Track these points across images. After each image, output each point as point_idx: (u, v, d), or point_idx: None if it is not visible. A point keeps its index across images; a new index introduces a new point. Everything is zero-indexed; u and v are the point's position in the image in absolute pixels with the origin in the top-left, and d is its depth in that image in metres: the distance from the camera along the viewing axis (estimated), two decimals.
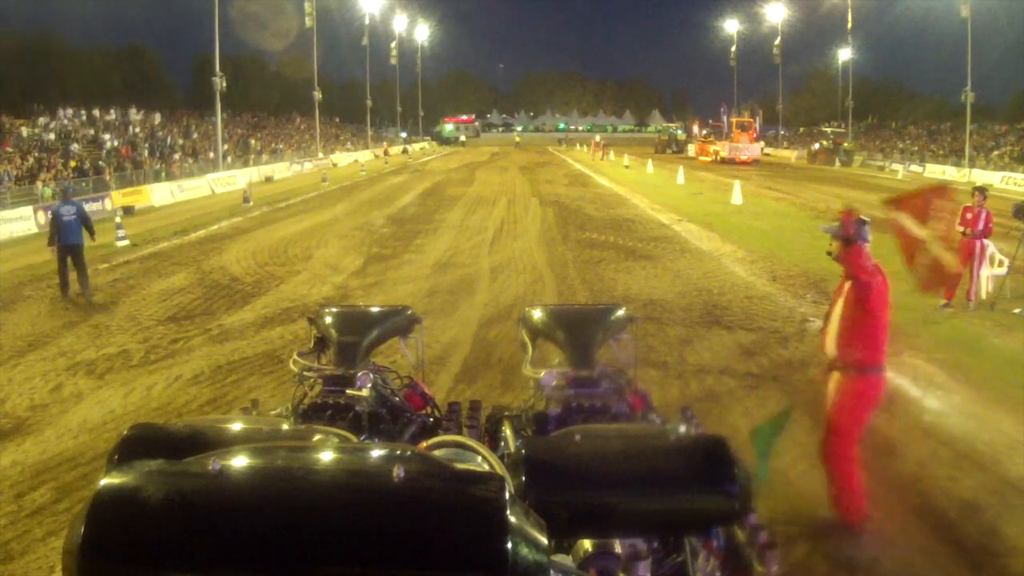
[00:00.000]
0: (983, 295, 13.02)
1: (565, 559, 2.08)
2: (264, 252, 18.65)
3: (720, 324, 11.38)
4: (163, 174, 39.92)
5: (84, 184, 33.28)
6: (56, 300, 14.09)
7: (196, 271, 16.50)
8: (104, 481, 1.47)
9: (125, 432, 2.19)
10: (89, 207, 27.94)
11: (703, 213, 25.57)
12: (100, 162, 38.46)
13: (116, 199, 31.24)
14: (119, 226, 21.25)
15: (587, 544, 2.16)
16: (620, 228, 22.29)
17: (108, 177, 35.75)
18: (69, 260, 14.45)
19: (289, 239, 20.76)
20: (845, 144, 67.36)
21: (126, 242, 20.70)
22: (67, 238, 14.47)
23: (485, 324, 11.49)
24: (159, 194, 34.80)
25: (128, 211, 30.57)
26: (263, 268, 16.60)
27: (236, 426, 2.41)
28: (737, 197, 29.22)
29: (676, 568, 2.34)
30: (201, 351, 10.58)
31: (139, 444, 2.11)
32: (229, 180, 41.08)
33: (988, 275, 13.26)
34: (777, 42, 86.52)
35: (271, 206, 30.20)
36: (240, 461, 1.52)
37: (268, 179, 46.48)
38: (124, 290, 14.88)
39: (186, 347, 10.84)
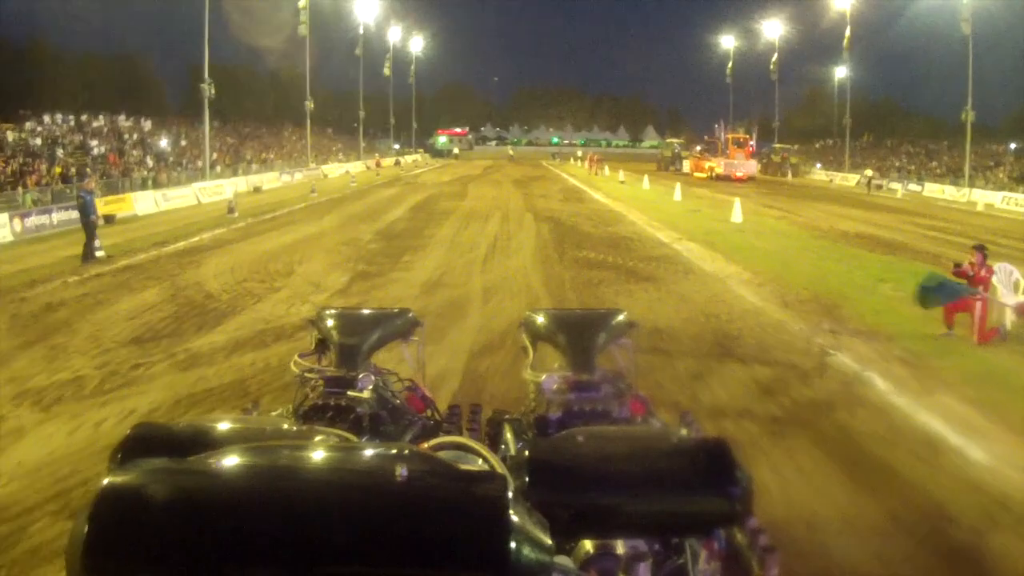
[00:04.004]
0: (1008, 325, 12.16)
1: (566, 560, 2.02)
2: (244, 267, 17.65)
3: (733, 356, 10.42)
4: (150, 182, 38.96)
5: (68, 191, 32.32)
6: (16, 316, 13.17)
7: (170, 287, 15.51)
8: (107, 480, 1.43)
9: (128, 431, 2.15)
10: (70, 215, 27.30)
11: (703, 231, 24.72)
12: (87, 168, 37.43)
13: (97, 207, 30.13)
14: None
15: (588, 545, 2.15)
16: (618, 246, 21.37)
17: (93, 184, 34.72)
18: None
19: (271, 253, 19.77)
20: (792, 159, 75.26)
21: (101, 253, 19.72)
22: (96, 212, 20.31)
23: (477, 354, 10.48)
24: (142, 203, 33.74)
25: (109, 220, 29.59)
26: (241, 284, 15.60)
27: (239, 425, 2.42)
28: (737, 215, 28.42)
29: (676, 570, 2.29)
30: (162, 379, 9.59)
31: (142, 443, 2.07)
32: (216, 189, 40.03)
33: (1015, 303, 12.41)
34: (774, 59, 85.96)
35: (256, 217, 29.20)
36: (244, 460, 1.51)
37: (256, 189, 45.53)
38: (91, 306, 13.89)
39: (147, 374, 9.85)
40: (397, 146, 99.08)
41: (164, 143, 50.04)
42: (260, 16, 65.63)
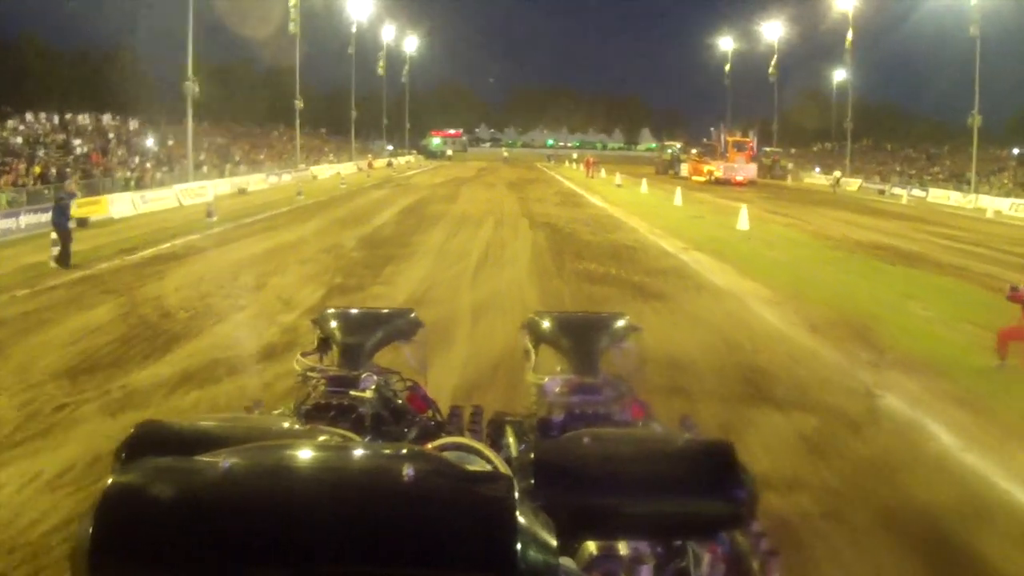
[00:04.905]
0: None
1: (569, 562, 1.94)
2: (211, 279, 16.02)
3: (766, 399, 8.78)
4: (133, 183, 37.33)
5: (46, 192, 30.85)
6: None
7: (126, 302, 13.90)
8: (112, 479, 1.43)
9: (132, 430, 2.11)
10: (39, 218, 25.71)
11: (709, 240, 23.20)
12: (67, 168, 35.80)
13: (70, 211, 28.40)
14: (55, 243, 18.55)
15: (591, 547, 2.13)
16: (621, 257, 19.80)
17: (73, 185, 33.19)
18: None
19: (244, 263, 18.14)
20: (781, 162, 75.28)
21: (54, 264, 18.04)
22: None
23: (463, 398, 8.83)
24: (119, 205, 31.99)
25: (82, 223, 27.95)
26: (203, 300, 13.99)
27: (243, 424, 2.42)
28: (743, 222, 26.92)
29: (679, 573, 2.20)
30: (87, 427, 7.99)
31: (147, 441, 2.05)
32: (198, 191, 38.24)
33: None
34: (773, 61, 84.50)
35: (236, 222, 27.46)
36: (250, 458, 1.51)
37: (242, 191, 43.78)
38: (32, 327, 12.28)
39: (71, 418, 8.25)
40: (391, 147, 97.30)
41: (150, 142, 48.30)
42: (253, 13, 64.08)
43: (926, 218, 37.00)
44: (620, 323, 3.94)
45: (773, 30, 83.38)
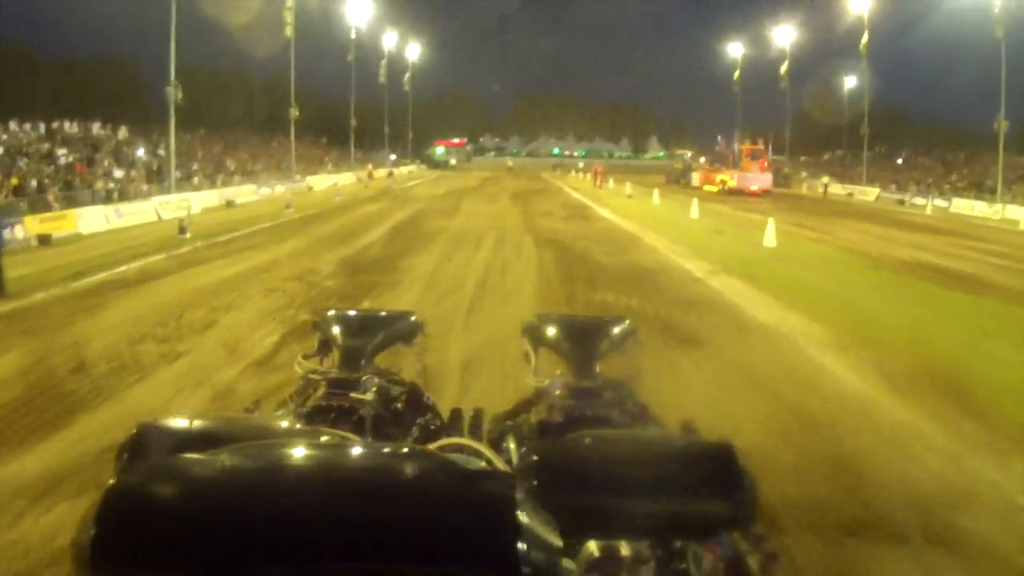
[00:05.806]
0: None
1: (569, 563, 1.84)
2: (153, 315, 13.31)
3: (879, 525, 5.90)
4: (116, 195, 34.94)
5: (23, 205, 28.74)
6: None
7: (39, 349, 11.31)
8: (113, 480, 1.40)
9: (134, 429, 2.04)
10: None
11: (738, 260, 20.56)
12: (46, 180, 33.44)
13: (30, 226, 25.86)
14: None
15: (593, 548, 2.02)
16: (642, 283, 17.09)
17: (52, 197, 30.90)
18: None
19: (199, 294, 15.41)
20: (785, 170, 73.20)
21: None
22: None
23: None
24: (89, 220, 29.55)
25: (44, 241, 25.59)
26: (133, 347, 11.31)
27: (246, 424, 2.43)
28: (770, 238, 24.35)
29: (679, 574, 2.09)
30: None
31: (147, 442, 2.01)
32: (180, 204, 35.60)
33: None
34: (784, 68, 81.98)
35: (208, 240, 24.71)
36: (251, 457, 1.49)
37: (229, 203, 41.29)
38: None
39: None
40: (393, 157, 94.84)
41: (141, 152, 45.92)
42: (252, 17, 61.87)
43: (959, 231, 34.46)
44: (620, 327, 3.81)
45: (783, 36, 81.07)
